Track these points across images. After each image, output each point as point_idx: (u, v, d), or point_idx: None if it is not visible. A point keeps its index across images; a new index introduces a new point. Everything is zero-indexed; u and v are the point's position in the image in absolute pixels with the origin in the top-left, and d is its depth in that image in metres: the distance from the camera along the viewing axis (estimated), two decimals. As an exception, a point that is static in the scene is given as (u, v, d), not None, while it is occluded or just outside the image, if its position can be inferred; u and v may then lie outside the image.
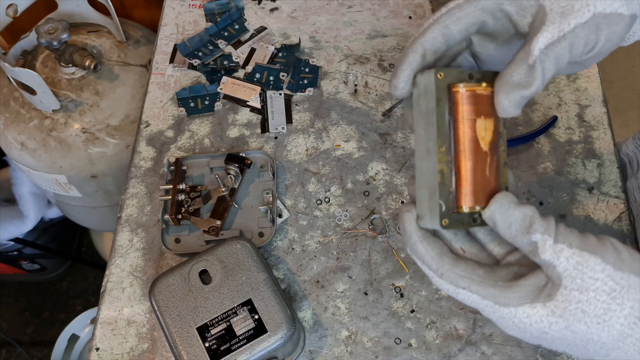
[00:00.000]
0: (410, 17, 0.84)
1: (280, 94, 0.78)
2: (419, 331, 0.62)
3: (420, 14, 0.85)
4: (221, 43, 0.83)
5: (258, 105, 0.78)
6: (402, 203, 0.70)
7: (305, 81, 0.79)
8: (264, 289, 0.58)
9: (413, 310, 0.64)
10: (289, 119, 0.77)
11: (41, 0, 0.98)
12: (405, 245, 0.41)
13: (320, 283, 0.66)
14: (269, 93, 0.78)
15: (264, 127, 0.76)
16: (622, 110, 1.82)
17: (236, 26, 0.84)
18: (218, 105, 0.78)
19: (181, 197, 0.69)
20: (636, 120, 1.78)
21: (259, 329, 0.56)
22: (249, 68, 0.81)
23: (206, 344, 0.56)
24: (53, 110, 1.01)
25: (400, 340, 0.62)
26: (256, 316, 0.57)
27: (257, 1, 0.87)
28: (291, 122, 0.76)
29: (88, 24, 1.06)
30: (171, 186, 0.69)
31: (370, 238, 0.68)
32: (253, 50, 0.82)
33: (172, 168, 0.71)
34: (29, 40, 1.03)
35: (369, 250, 0.67)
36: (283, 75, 0.79)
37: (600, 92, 0.76)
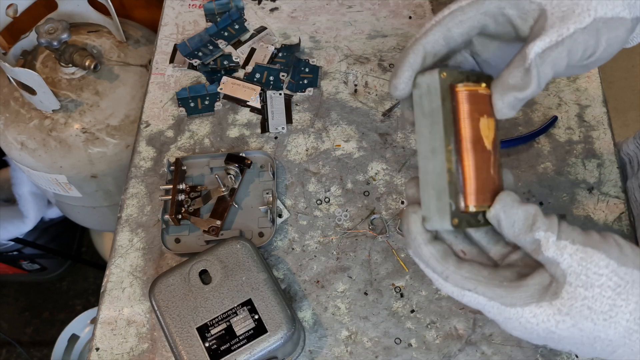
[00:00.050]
0: (410, 17, 0.84)
1: (280, 94, 0.78)
2: (419, 331, 0.62)
3: (420, 14, 0.85)
4: (221, 43, 0.83)
5: (258, 105, 0.78)
6: (402, 203, 0.70)
7: (305, 81, 0.79)
8: (264, 289, 0.58)
9: (413, 310, 0.64)
10: (289, 119, 0.77)
11: (41, 0, 0.98)
12: (408, 248, 0.41)
13: (320, 283, 0.66)
14: (269, 93, 0.78)
15: (264, 127, 0.76)
16: (622, 110, 1.81)
17: (236, 26, 0.84)
18: (218, 105, 0.78)
19: (181, 197, 0.69)
20: (636, 120, 1.78)
21: (259, 329, 0.56)
22: (249, 68, 0.81)
23: (206, 344, 0.56)
24: (53, 110, 1.01)
25: (400, 340, 0.62)
26: (256, 316, 0.57)
27: (257, 1, 0.87)
28: (291, 122, 0.76)
29: (88, 24, 1.06)
30: (171, 186, 0.69)
31: (370, 238, 0.68)
32: (253, 50, 0.82)
33: (172, 168, 0.71)
34: (29, 40, 1.03)
35: (369, 250, 0.67)
36: (283, 75, 0.79)
37: (600, 92, 0.76)
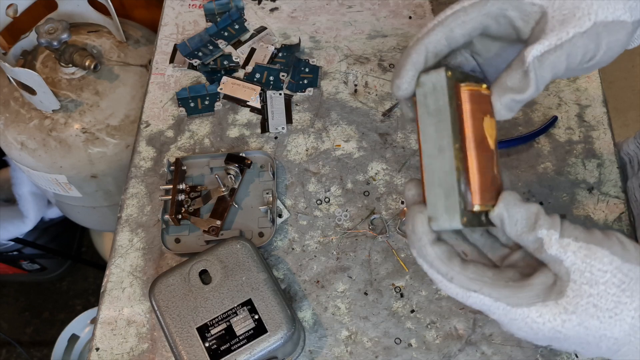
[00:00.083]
0: (410, 17, 0.84)
1: (280, 94, 0.78)
2: (419, 331, 0.62)
3: (420, 14, 0.85)
4: (221, 43, 0.83)
5: (258, 105, 0.78)
6: (402, 203, 0.70)
7: (305, 81, 0.79)
8: (264, 289, 0.58)
9: (413, 310, 0.64)
10: (289, 119, 0.77)
11: (41, 0, 0.98)
12: (412, 248, 0.40)
13: (320, 283, 0.66)
14: (269, 93, 0.78)
15: (264, 127, 0.76)
16: (622, 110, 1.81)
17: (236, 26, 0.84)
18: (218, 105, 0.78)
19: (181, 197, 0.69)
20: (636, 120, 1.78)
21: (259, 329, 0.56)
22: (249, 68, 0.81)
23: (206, 344, 0.56)
24: (53, 110, 1.01)
25: (400, 340, 0.62)
26: (256, 316, 0.57)
27: (257, 1, 0.87)
28: (291, 122, 0.76)
29: (88, 24, 1.06)
30: (171, 186, 0.69)
31: (370, 238, 0.68)
32: (253, 50, 0.82)
33: (172, 168, 0.71)
34: (29, 40, 1.03)
35: (369, 250, 0.67)
36: (283, 75, 0.79)
37: (600, 92, 0.76)
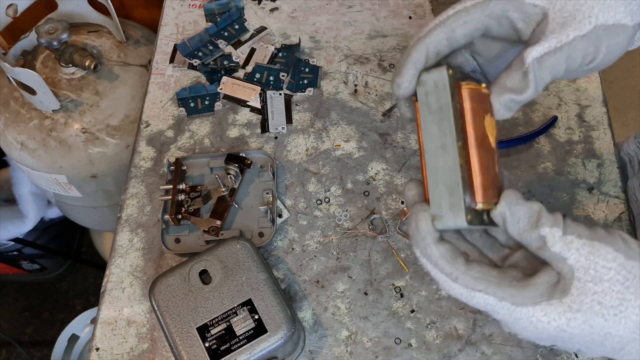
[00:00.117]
0: (410, 17, 0.84)
1: (280, 94, 0.78)
2: (419, 331, 0.62)
3: (420, 14, 0.85)
4: (221, 43, 0.83)
5: (258, 105, 0.78)
6: (402, 203, 0.70)
7: (305, 81, 0.79)
8: (264, 289, 0.58)
9: (413, 310, 0.64)
10: (289, 119, 0.77)
11: (41, 0, 0.98)
12: (415, 248, 0.39)
13: (320, 283, 0.66)
14: (269, 93, 0.78)
15: (264, 127, 0.76)
16: (622, 110, 1.81)
17: (236, 26, 0.84)
18: (218, 105, 0.78)
19: (181, 197, 0.69)
20: (636, 120, 1.78)
21: (259, 329, 0.56)
22: (249, 68, 0.81)
23: (206, 344, 0.56)
24: (53, 110, 1.01)
25: (400, 340, 0.62)
26: (256, 316, 0.57)
27: (257, 1, 0.87)
28: (291, 122, 0.76)
29: (88, 24, 1.06)
30: (171, 186, 0.69)
31: (370, 238, 0.68)
32: (253, 50, 0.82)
33: (172, 168, 0.71)
34: (29, 40, 1.03)
35: (369, 250, 0.67)
36: (283, 75, 0.79)
37: (600, 92, 0.76)
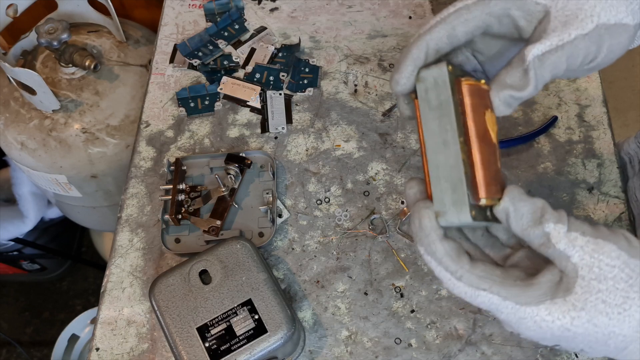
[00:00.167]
0: (410, 17, 0.84)
1: (280, 94, 0.78)
2: (419, 331, 0.62)
3: (420, 14, 0.85)
4: (221, 43, 0.83)
5: (258, 105, 0.78)
6: (402, 203, 0.70)
7: (305, 81, 0.79)
8: (264, 289, 0.58)
9: (413, 310, 0.64)
10: (289, 119, 0.77)
11: (41, 0, 0.98)
12: (419, 245, 0.39)
13: (320, 283, 0.66)
14: (269, 93, 0.78)
15: (264, 127, 0.76)
16: (622, 110, 1.81)
17: (236, 26, 0.84)
18: (218, 105, 0.78)
19: (181, 197, 0.69)
20: (636, 120, 1.78)
21: (259, 329, 0.56)
22: (249, 68, 0.81)
23: (206, 344, 0.56)
24: (53, 110, 1.01)
25: (400, 340, 0.62)
26: (256, 316, 0.57)
27: (257, 1, 0.87)
28: (291, 122, 0.76)
29: (88, 24, 1.06)
30: (171, 186, 0.69)
31: (370, 238, 0.68)
32: (253, 50, 0.82)
33: (172, 168, 0.71)
34: (29, 40, 1.03)
35: (369, 250, 0.67)
36: (283, 75, 0.79)
37: (600, 92, 0.76)
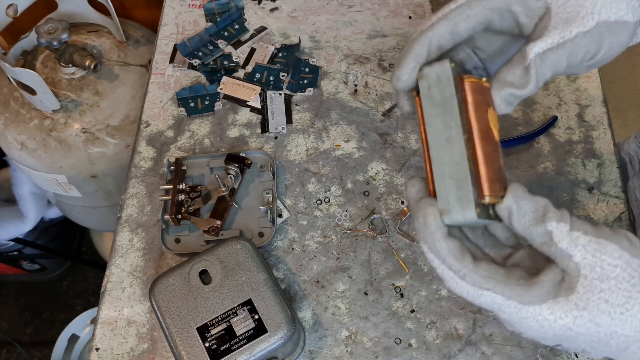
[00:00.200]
0: (410, 17, 0.84)
1: (280, 94, 0.78)
2: (419, 331, 0.62)
3: (420, 14, 0.85)
4: (221, 43, 0.83)
5: (258, 105, 0.78)
6: (402, 203, 0.70)
7: (305, 81, 0.79)
8: (264, 289, 0.58)
9: (413, 310, 0.64)
10: (289, 119, 0.77)
11: (41, 0, 0.97)
12: (423, 244, 0.39)
13: (320, 283, 0.66)
14: (269, 93, 0.78)
15: (264, 127, 0.76)
16: (622, 110, 1.81)
17: (236, 26, 0.84)
18: (218, 105, 0.78)
19: (181, 197, 0.69)
20: (636, 120, 1.78)
21: (259, 329, 0.56)
22: (249, 68, 0.81)
23: (206, 344, 0.56)
24: (53, 110, 1.01)
25: (400, 340, 0.62)
26: (256, 316, 0.57)
27: (257, 1, 0.87)
28: (291, 122, 0.76)
29: (88, 24, 1.06)
30: (171, 186, 0.69)
31: (370, 238, 0.68)
32: (253, 50, 0.82)
33: (172, 168, 0.71)
34: (29, 40, 1.03)
35: (369, 250, 0.67)
36: (283, 75, 0.79)
37: (600, 92, 0.76)
